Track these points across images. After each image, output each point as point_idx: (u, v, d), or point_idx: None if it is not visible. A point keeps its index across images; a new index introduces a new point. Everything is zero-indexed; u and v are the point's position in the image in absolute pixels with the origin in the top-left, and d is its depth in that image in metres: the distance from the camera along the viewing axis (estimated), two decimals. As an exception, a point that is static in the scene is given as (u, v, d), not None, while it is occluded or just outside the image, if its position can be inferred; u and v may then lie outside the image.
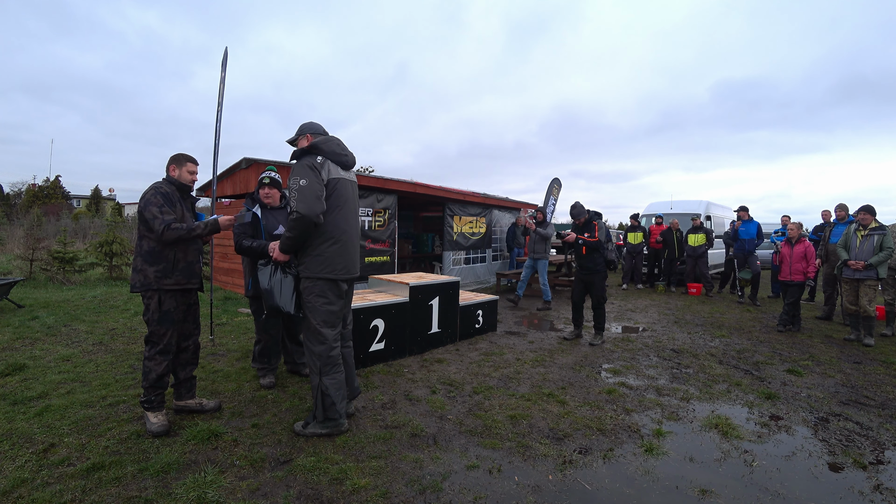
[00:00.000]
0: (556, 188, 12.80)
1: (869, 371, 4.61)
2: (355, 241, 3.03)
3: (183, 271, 2.97)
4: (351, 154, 3.03)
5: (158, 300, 2.91)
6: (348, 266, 2.95)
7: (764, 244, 11.47)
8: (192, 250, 3.05)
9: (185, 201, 3.10)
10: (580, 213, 5.48)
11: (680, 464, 2.75)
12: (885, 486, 2.57)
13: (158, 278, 2.88)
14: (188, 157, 3.14)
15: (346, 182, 2.96)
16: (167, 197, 2.92)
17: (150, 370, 2.91)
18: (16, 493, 2.25)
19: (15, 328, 5.37)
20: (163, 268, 2.90)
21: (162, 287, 2.89)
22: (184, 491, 2.30)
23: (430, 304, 4.91)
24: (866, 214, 5.74)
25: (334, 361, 2.91)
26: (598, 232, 5.31)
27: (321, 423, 2.92)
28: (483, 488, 2.44)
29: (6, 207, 28.82)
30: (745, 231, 9.05)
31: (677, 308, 8.10)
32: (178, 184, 3.06)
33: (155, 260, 2.89)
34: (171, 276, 2.92)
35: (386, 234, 7.78)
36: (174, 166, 3.06)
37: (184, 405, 3.20)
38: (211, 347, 4.82)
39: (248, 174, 7.69)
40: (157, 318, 2.92)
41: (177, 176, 3.06)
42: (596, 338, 5.44)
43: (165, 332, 2.94)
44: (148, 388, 2.92)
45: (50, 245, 10.82)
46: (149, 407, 2.93)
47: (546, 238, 7.79)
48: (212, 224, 3.01)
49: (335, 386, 2.89)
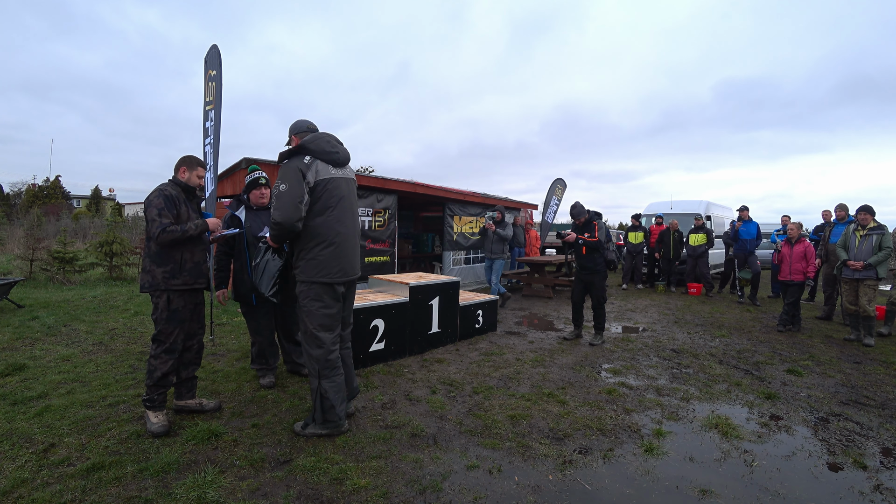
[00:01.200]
0: (560, 188, 12.77)
1: (869, 371, 4.61)
2: (352, 242, 2.93)
3: (191, 272, 3.00)
4: (343, 150, 2.93)
5: (167, 299, 2.93)
6: (345, 268, 2.86)
7: (764, 244, 11.47)
8: (199, 250, 3.08)
9: (192, 202, 3.13)
10: (580, 212, 5.49)
11: (680, 464, 2.75)
12: (885, 486, 2.57)
13: (167, 279, 2.91)
14: (199, 161, 3.17)
15: (340, 180, 2.85)
16: (170, 199, 2.95)
17: (155, 368, 2.92)
18: (16, 493, 2.25)
19: (15, 328, 5.36)
20: (171, 268, 2.92)
21: (170, 287, 2.92)
22: (184, 491, 2.30)
23: (430, 304, 4.91)
24: (865, 214, 5.74)
25: (333, 364, 2.87)
26: (598, 232, 5.31)
27: (321, 425, 2.91)
28: (483, 488, 2.44)
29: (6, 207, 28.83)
30: (746, 231, 9.05)
31: (677, 308, 8.10)
32: (185, 186, 3.09)
33: (163, 261, 2.92)
34: (179, 276, 2.95)
35: (386, 234, 7.78)
36: (184, 168, 3.09)
37: (184, 405, 3.20)
38: (211, 347, 4.82)
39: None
40: (165, 317, 2.94)
41: (185, 179, 3.09)
42: (596, 338, 5.43)
43: (173, 331, 2.96)
44: (151, 387, 2.92)
45: (50, 245, 10.82)
46: (150, 406, 2.93)
47: (504, 239, 7.94)
48: (202, 225, 3.02)
49: (334, 389, 2.86)
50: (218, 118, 4.92)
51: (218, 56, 4.94)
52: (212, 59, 4.99)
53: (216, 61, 4.93)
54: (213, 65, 4.95)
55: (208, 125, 5.03)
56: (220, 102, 4.93)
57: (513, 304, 8.17)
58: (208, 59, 5.04)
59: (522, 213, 12.23)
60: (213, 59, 4.98)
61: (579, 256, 5.50)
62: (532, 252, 10.74)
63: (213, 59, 4.98)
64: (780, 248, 6.69)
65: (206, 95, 5.06)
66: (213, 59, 4.98)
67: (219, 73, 4.93)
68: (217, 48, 4.99)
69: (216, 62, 4.93)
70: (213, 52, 4.99)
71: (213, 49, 5.01)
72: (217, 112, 4.92)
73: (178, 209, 2.98)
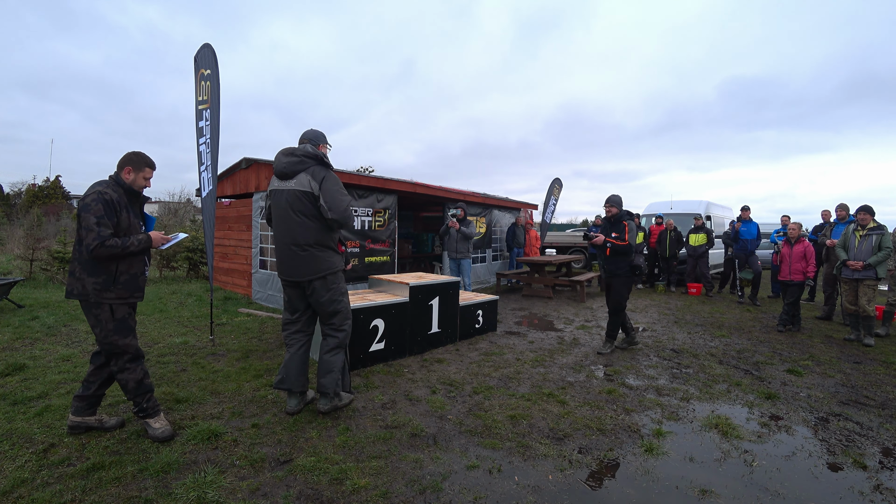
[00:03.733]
0: (557, 188, 12.82)
1: (869, 371, 4.62)
2: (284, 248, 3.18)
3: (126, 285, 2.71)
4: (287, 162, 3.14)
5: (110, 308, 2.67)
6: (282, 269, 3.23)
7: (764, 244, 11.46)
8: (137, 261, 2.77)
9: (134, 207, 2.83)
10: (616, 202, 4.92)
11: (680, 464, 2.75)
12: (885, 486, 2.57)
13: (97, 291, 2.61)
14: (146, 160, 2.84)
15: (278, 192, 3.18)
16: (110, 205, 2.62)
17: (127, 381, 2.73)
18: (16, 493, 2.25)
19: (15, 328, 5.37)
20: (103, 280, 2.62)
21: (102, 300, 2.64)
22: (184, 491, 2.30)
23: (430, 304, 4.91)
24: (865, 214, 5.74)
25: (284, 342, 3.50)
26: (629, 234, 4.76)
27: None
28: (483, 488, 2.44)
29: (6, 207, 28.83)
30: (746, 231, 9.05)
31: (677, 308, 8.10)
32: (129, 188, 2.76)
33: (95, 271, 2.62)
34: (113, 289, 2.65)
35: (386, 234, 7.78)
36: (130, 168, 2.76)
37: (81, 421, 2.85)
38: (211, 347, 4.82)
39: (247, 174, 7.70)
40: (112, 328, 2.68)
41: (130, 181, 2.76)
42: (605, 346, 5.11)
43: (126, 340, 2.73)
44: (136, 398, 2.77)
45: (50, 245, 10.82)
46: (144, 415, 2.79)
47: (468, 237, 7.49)
48: (144, 241, 2.73)
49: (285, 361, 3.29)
50: (216, 117, 4.89)
51: (212, 55, 4.90)
52: (205, 58, 4.96)
53: (211, 60, 4.89)
54: (208, 64, 4.92)
55: (202, 124, 5.00)
56: (217, 101, 4.90)
57: (513, 303, 8.17)
58: (199, 57, 5.01)
59: (523, 213, 12.24)
60: (206, 57, 4.94)
61: (603, 258, 5.04)
62: (532, 252, 10.75)
63: (206, 57, 4.94)
64: (780, 248, 6.69)
65: (198, 94, 5.04)
66: (206, 57, 4.94)
67: (214, 71, 4.89)
68: (210, 47, 4.95)
69: (211, 61, 4.89)
70: (206, 51, 4.96)
71: (206, 48, 4.98)
72: (214, 111, 4.89)
73: (118, 216, 2.65)
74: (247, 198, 8.17)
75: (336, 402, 3.26)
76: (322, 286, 3.19)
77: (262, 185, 7.22)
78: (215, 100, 4.91)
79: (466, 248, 7.58)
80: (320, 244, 3.16)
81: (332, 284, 3.22)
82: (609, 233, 4.90)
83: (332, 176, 3.16)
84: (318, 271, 3.15)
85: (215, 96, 4.90)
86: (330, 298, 3.22)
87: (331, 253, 3.23)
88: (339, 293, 3.27)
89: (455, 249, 7.59)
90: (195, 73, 5.04)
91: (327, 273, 3.18)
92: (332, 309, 3.25)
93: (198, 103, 5.06)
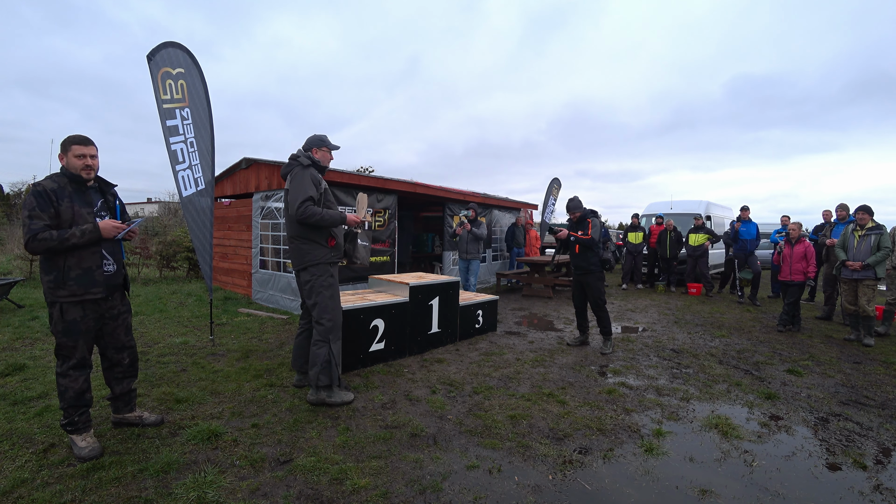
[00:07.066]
0: (556, 188, 12.84)
1: (869, 371, 4.62)
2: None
3: (78, 281, 2.51)
4: (284, 166, 3.45)
5: (60, 309, 2.52)
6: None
7: (764, 244, 11.47)
8: (88, 255, 2.55)
9: (83, 195, 2.59)
10: (576, 207, 5.24)
11: (680, 464, 2.75)
12: (885, 486, 2.57)
13: (51, 289, 2.49)
14: (74, 137, 2.58)
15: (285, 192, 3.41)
16: (43, 196, 2.45)
17: (66, 388, 2.56)
18: (16, 493, 2.25)
19: (15, 328, 5.36)
20: (54, 277, 2.48)
21: (57, 299, 2.51)
22: (184, 491, 2.30)
23: (430, 304, 4.91)
24: (864, 214, 5.75)
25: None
26: (592, 230, 5.06)
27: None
28: (483, 488, 2.44)
29: (6, 207, 28.79)
30: (746, 231, 9.06)
31: (677, 308, 8.10)
32: (70, 175, 2.54)
33: (47, 268, 2.49)
34: (64, 287, 2.49)
35: (386, 234, 7.78)
36: (61, 154, 2.55)
37: (121, 418, 2.93)
38: (211, 347, 4.82)
39: (247, 174, 7.70)
40: (61, 329, 2.54)
41: (65, 164, 2.55)
42: (605, 345, 5.10)
43: (75, 345, 2.56)
44: (68, 409, 2.58)
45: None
46: (72, 430, 2.58)
47: (479, 238, 7.55)
48: (90, 233, 2.49)
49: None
50: (200, 116, 4.84)
51: (183, 54, 4.82)
52: (170, 57, 4.86)
53: (181, 59, 4.81)
54: (177, 63, 4.83)
55: (174, 123, 4.88)
56: (200, 100, 4.84)
57: (513, 303, 8.17)
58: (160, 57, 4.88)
59: (523, 213, 12.24)
60: (172, 57, 4.86)
61: (573, 255, 5.27)
62: (532, 252, 10.75)
63: (172, 57, 4.86)
64: (781, 248, 6.69)
65: (162, 93, 4.90)
66: (172, 57, 4.86)
67: (189, 70, 4.82)
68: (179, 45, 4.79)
69: (181, 60, 4.81)
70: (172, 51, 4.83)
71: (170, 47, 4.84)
72: (198, 109, 4.84)
73: (56, 206, 2.47)
74: (247, 198, 8.16)
75: (322, 396, 3.33)
76: (304, 277, 3.38)
77: (262, 185, 7.22)
78: (196, 98, 4.86)
79: (477, 248, 7.67)
80: (302, 237, 3.33)
81: (313, 276, 3.33)
82: (576, 230, 5.23)
83: (299, 174, 3.29)
84: (301, 263, 3.36)
85: (196, 95, 4.86)
86: (310, 290, 3.36)
87: (315, 245, 3.33)
88: (321, 286, 3.33)
89: (466, 250, 7.67)
90: (154, 72, 4.92)
91: (309, 265, 3.34)
92: (311, 301, 3.36)
93: (162, 102, 4.95)
